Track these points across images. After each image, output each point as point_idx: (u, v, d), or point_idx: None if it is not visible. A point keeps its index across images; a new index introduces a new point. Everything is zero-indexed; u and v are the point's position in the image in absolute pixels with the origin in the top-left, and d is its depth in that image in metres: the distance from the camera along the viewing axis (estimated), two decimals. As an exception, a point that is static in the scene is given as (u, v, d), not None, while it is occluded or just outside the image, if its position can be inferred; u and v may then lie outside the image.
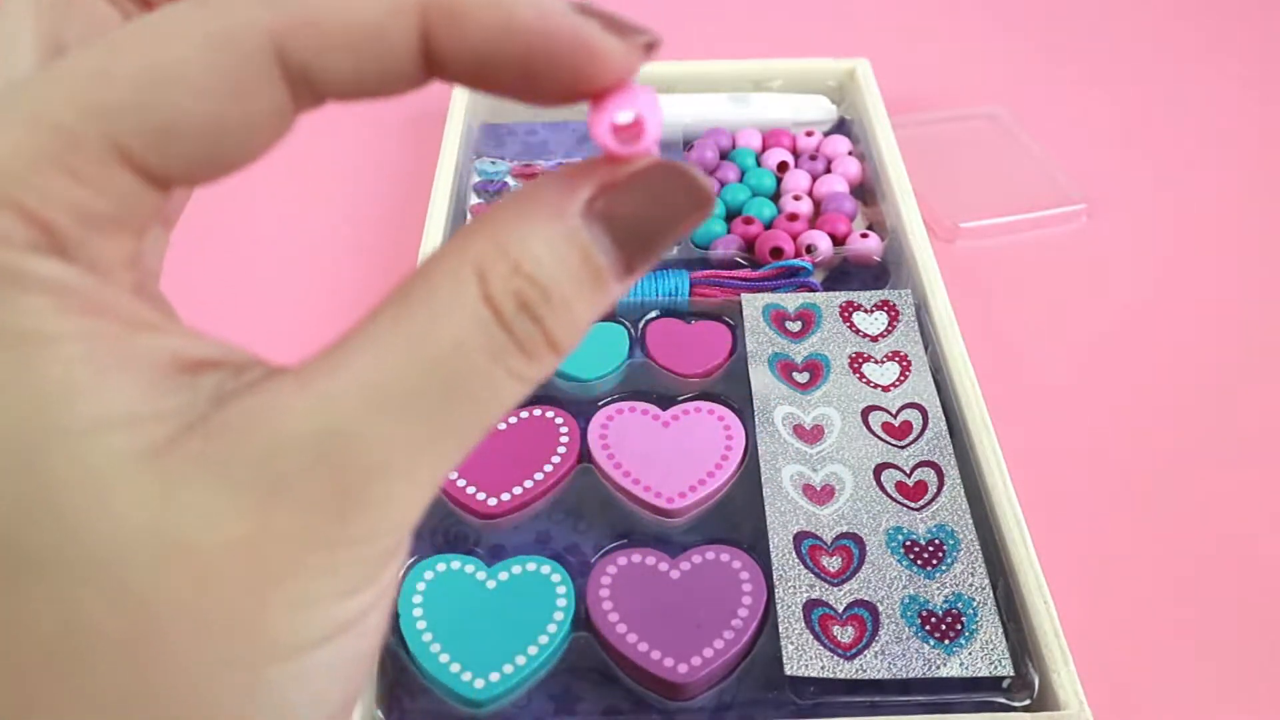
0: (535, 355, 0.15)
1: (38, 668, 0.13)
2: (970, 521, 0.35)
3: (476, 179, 0.52)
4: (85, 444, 0.13)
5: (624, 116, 0.16)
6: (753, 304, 0.43)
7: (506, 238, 0.15)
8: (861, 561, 0.34)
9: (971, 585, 0.34)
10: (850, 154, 0.52)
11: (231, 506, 0.13)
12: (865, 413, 0.39)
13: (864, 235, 0.47)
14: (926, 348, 0.42)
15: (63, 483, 0.13)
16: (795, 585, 0.34)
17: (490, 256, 0.15)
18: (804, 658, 0.32)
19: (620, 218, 0.16)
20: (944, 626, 0.32)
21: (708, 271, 0.45)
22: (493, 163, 0.53)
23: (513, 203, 0.16)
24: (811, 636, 0.32)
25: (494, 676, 0.31)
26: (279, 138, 0.16)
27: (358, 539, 0.14)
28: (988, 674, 0.32)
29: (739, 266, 0.46)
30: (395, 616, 0.33)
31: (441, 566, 0.34)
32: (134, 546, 0.13)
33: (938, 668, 0.32)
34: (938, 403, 0.39)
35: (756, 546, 0.35)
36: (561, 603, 0.33)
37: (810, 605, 0.33)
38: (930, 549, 0.35)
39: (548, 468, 0.37)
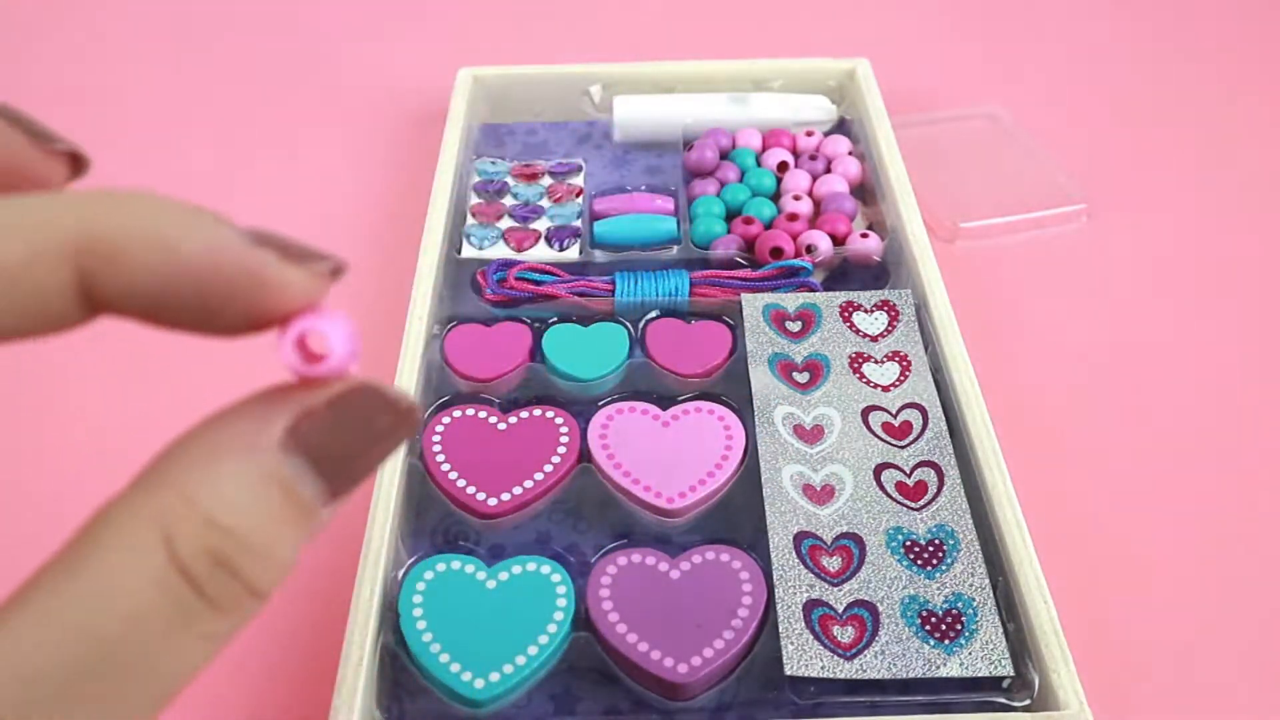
0: (232, 609, 0.14)
1: None
2: (970, 521, 0.35)
3: (476, 179, 0.52)
4: None
5: (314, 342, 0.15)
6: (753, 304, 0.43)
7: (195, 487, 0.14)
8: (861, 561, 0.34)
9: (971, 585, 0.34)
10: (850, 154, 0.52)
11: None
12: (865, 413, 0.39)
13: (864, 235, 0.47)
14: (926, 348, 0.42)
15: None
16: (795, 585, 0.34)
17: (176, 513, 0.13)
18: (804, 658, 0.32)
19: (322, 446, 0.15)
20: (944, 626, 0.32)
21: (708, 271, 0.45)
22: (493, 163, 0.53)
23: (199, 438, 0.14)
24: (811, 636, 0.32)
25: (494, 676, 0.31)
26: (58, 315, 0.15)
27: None
28: (988, 674, 0.32)
29: (739, 266, 0.46)
30: (395, 616, 0.33)
31: (441, 566, 0.34)
32: None
33: (938, 668, 0.32)
34: (938, 403, 0.39)
35: (756, 546, 0.35)
36: (561, 603, 0.33)
37: (810, 605, 0.33)
38: (930, 549, 0.35)
39: (548, 468, 0.37)
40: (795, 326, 0.42)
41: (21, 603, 0.13)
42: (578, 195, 0.50)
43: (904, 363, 0.41)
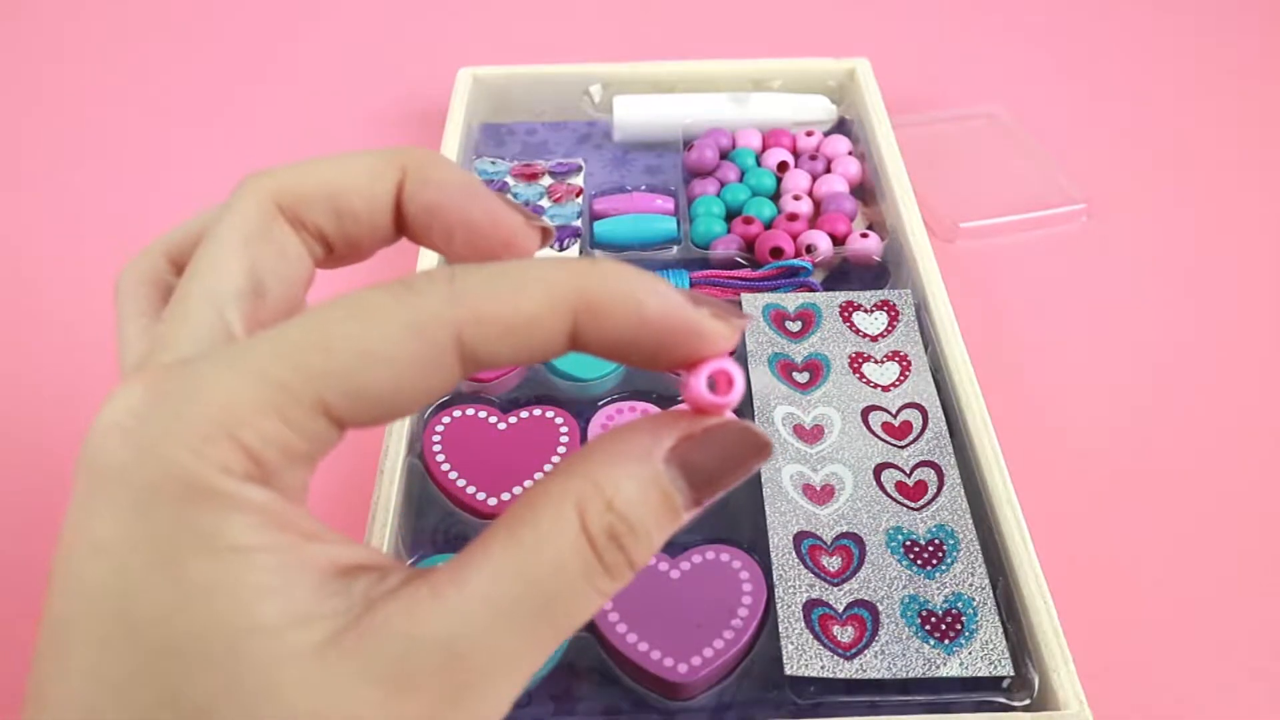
0: (618, 575, 0.19)
1: None
2: (970, 521, 0.35)
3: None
4: (270, 641, 0.16)
5: (723, 381, 0.20)
6: (753, 304, 0.43)
7: (603, 479, 0.18)
8: (861, 561, 0.34)
9: (971, 585, 0.34)
10: (850, 154, 0.52)
11: (373, 697, 0.17)
12: (865, 413, 0.39)
13: (864, 235, 0.47)
14: (926, 348, 0.42)
15: (251, 672, 0.16)
16: (795, 585, 0.34)
17: (588, 494, 0.18)
18: (804, 657, 0.32)
19: (696, 465, 0.19)
20: (944, 626, 0.32)
21: (708, 271, 0.45)
22: (493, 163, 0.53)
23: (608, 445, 0.19)
24: (811, 636, 0.32)
25: (494, 676, 0.31)
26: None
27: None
28: (988, 674, 0.32)
29: (739, 266, 0.46)
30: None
31: (441, 566, 0.34)
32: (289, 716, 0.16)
33: (938, 667, 0.32)
34: (938, 403, 0.39)
35: (756, 546, 0.35)
36: (561, 603, 0.33)
37: (810, 605, 0.33)
38: (930, 549, 0.35)
39: (547, 468, 0.37)
40: (795, 326, 0.42)
41: (480, 547, 0.18)
42: (578, 195, 0.50)
43: (904, 363, 0.41)
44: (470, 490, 0.37)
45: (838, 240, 0.47)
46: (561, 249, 0.47)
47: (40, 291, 0.49)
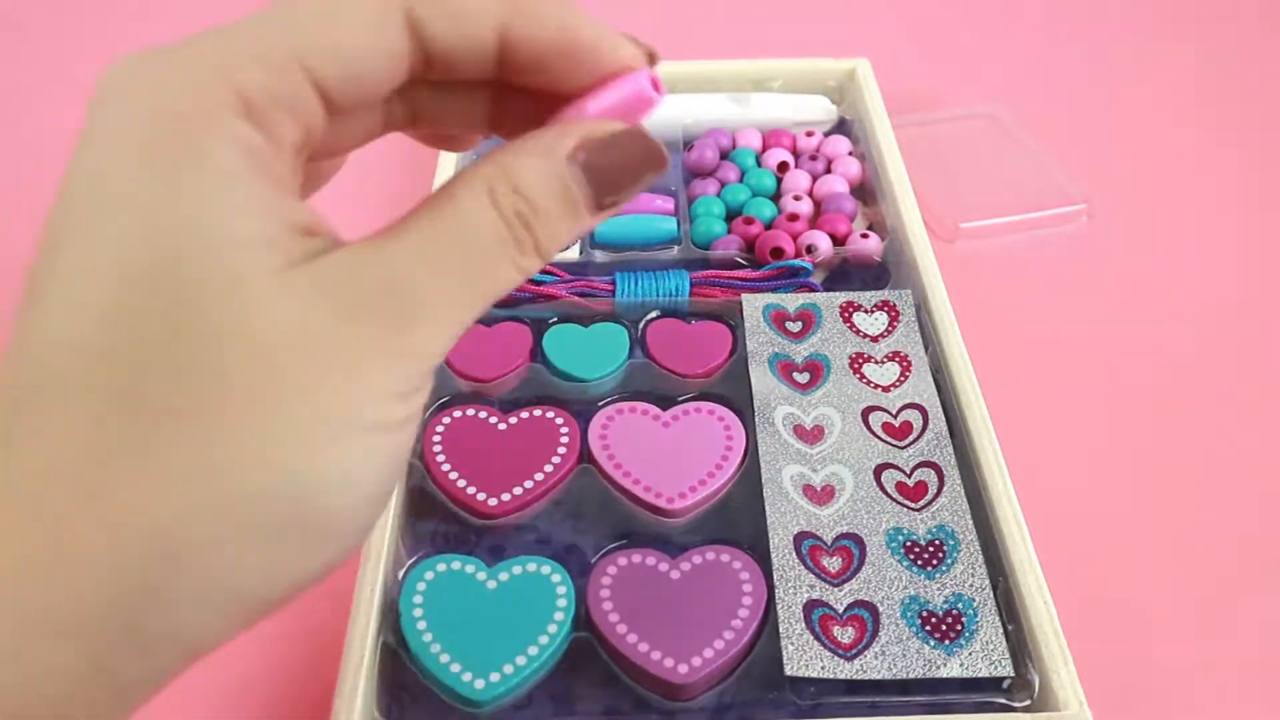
0: (525, 252, 0.21)
1: (183, 406, 0.18)
2: (970, 522, 0.35)
3: (476, 179, 0.52)
4: (243, 251, 0.19)
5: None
6: (753, 304, 0.43)
7: (511, 165, 0.21)
8: (862, 562, 0.34)
9: (971, 585, 0.34)
10: (850, 154, 0.52)
11: (332, 313, 0.19)
12: (865, 413, 0.39)
13: (864, 235, 0.47)
14: (926, 348, 0.42)
15: (223, 272, 0.18)
16: (795, 586, 0.34)
17: (497, 177, 0.21)
18: (804, 658, 0.32)
19: (595, 166, 0.22)
20: (944, 627, 0.32)
21: (708, 272, 0.45)
22: (493, 163, 0.53)
23: (520, 141, 0.22)
24: (811, 637, 0.32)
25: (494, 677, 0.31)
26: (401, 75, 0.22)
27: (408, 352, 0.20)
28: (988, 674, 0.32)
29: (739, 266, 0.46)
30: (396, 616, 0.33)
31: (442, 567, 0.34)
32: (267, 327, 0.18)
33: (938, 668, 0.32)
34: (938, 403, 0.39)
35: (757, 547, 0.35)
36: (562, 603, 0.33)
37: (810, 606, 0.33)
38: (930, 549, 0.35)
39: (548, 468, 0.37)
40: (795, 327, 0.42)
41: (410, 219, 0.21)
42: (578, 195, 0.50)
43: (904, 363, 0.41)
44: (470, 490, 0.37)
45: (838, 240, 0.47)
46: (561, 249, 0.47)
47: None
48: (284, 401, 0.18)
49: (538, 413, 0.39)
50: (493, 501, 0.36)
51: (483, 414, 0.39)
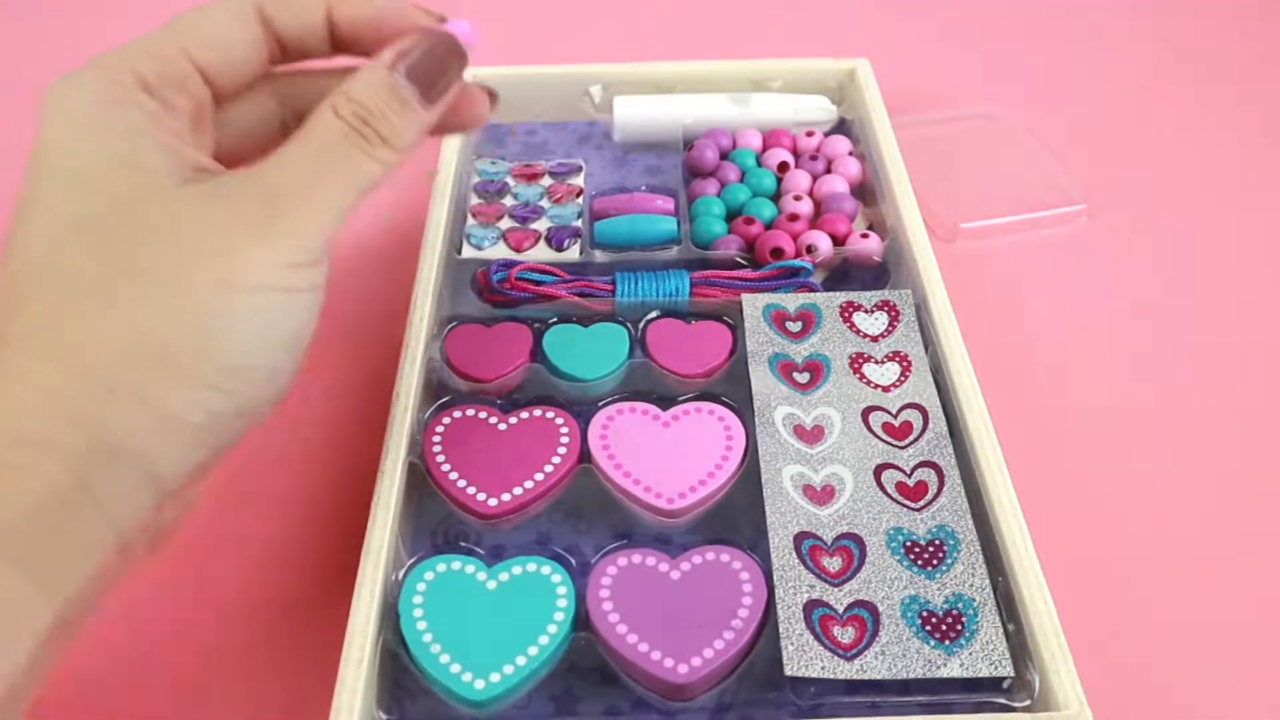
0: (372, 142, 0.28)
1: (115, 281, 0.26)
2: (970, 522, 0.35)
3: (476, 179, 0.52)
4: (151, 175, 0.27)
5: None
6: (753, 304, 0.43)
7: (346, 85, 0.28)
8: (862, 562, 0.34)
9: (971, 585, 0.34)
10: (850, 154, 0.52)
11: (216, 210, 0.27)
12: (865, 413, 0.39)
13: (864, 235, 0.47)
14: (926, 348, 0.42)
15: (138, 189, 0.27)
16: (795, 586, 0.34)
17: (337, 95, 0.28)
18: (804, 658, 0.32)
19: (411, 64, 0.29)
20: (944, 627, 0.32)
21: (708, 272, 0.45)
22: (493, 163, 0.53)
23: (353, 73, 0.29)
24: (812, 637, 0.32)
25: (494, 677, 0.31)
26: (262, 60, 0.31)
27: (283, 231, 0.27)
28: (988, 674, 0.32)
29: (739, 267, 0.46)
30: (395, 616, 0.33)
31: (441, 567, 0.34)
32: (169, 221, 0.26)
33: (938, 668, 0.32)
34: (938, 403, 0.39)
35: (757, 547, 0.35)
36: (562, 603, 0.33)
37: (810, 606, 0.33)
38: (930, 549, 0.35)
39: (548, 468, 0.37)
40: (795, 327, 0.42)
41: (280, 148, 0.28)
42: (578, 195, 0.50)
43: (904, 363, 0.41)
44: (470, 490, 0.37)
45: (838, 240, 0.47)
46: (561, 249, 0.47)
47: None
48: (184, 270, 0.26)
49: (538, 413, 0.39)
50: (493, 501, 0.36)
51: (483, 414, 0.39)
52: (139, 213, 0.26)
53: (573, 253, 0.47)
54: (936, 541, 0.35)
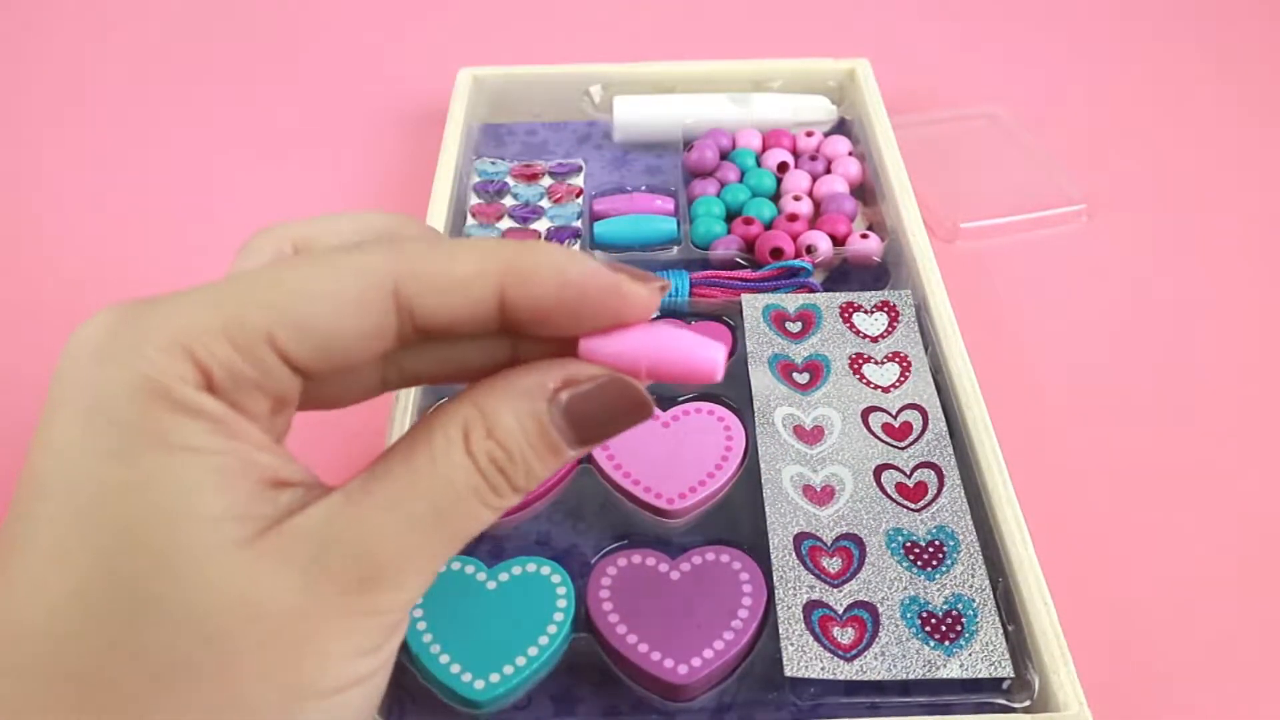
0: (501, 493, 0.21)
1: (145, 689, 0.19)
2: (970, 522, 0.35)
3: (476, 179, 0.52)
4: (204, 529, 0.19)
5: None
6: (753, 304, 0.43)
7: (487, 407, 0.21)
8: (861, 563, 0.34)
9: (971, 586, 0.34)
10: (850, 154, 0.52)
11: (290, 585, 0.19)
12: (865, 414, 0.39)
13: (864, 236, 0.47)
14: (926, 348, 0.42)
15: (182, 553, 0.19)
16: (795, 586, 0.34)
17: (473, 420, 0.21)
18: (804, 659, 0.32)
19: (577, 411, 0.21)
20: (944, 628, 0.32)
21: (708, 272, 0.45)
22: (493, 163, 0.53)
23: (500, 379, 0.22)
24: (811, 638, 0.32)
25: (494, 677, 0.31)
26: (385, 349, 0.22)
27: (371, 611, 0.20)
28: (988, 675, 0.32)
29: (739, 267, 0.46)
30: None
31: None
32: (223, 607, 0.19)
33: (938, 669, 0.32)
34: (938, 403, 0.39)
35: (756, 547, 0.35)
36: (561, 604, 0.33)
37: (810, 606, 0.33)
38: (930, 550, 0.35)
39: (548, 468, 0.37)
40: (795, 327, 0.42)
41: (384, 462, 0.21)
42: (578, 196, 0.50)
43: (904, 363, 0.41)
44: (470, 491, 0.37)
45: (838, 241, 0.47)
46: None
47: (38, 284, 0.49)
48: (240, 683, 0.19)
49: (538, 413, 0.39)
50: (493, 502, 0.36)
51: (483, 414, 0.39)
52: (177, 595, 0.19)
53: (573, 253, 0.47)
54: (936, 542, 0.35)
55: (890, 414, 0.39)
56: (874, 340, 0.42)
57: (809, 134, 0.53)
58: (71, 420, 0.19)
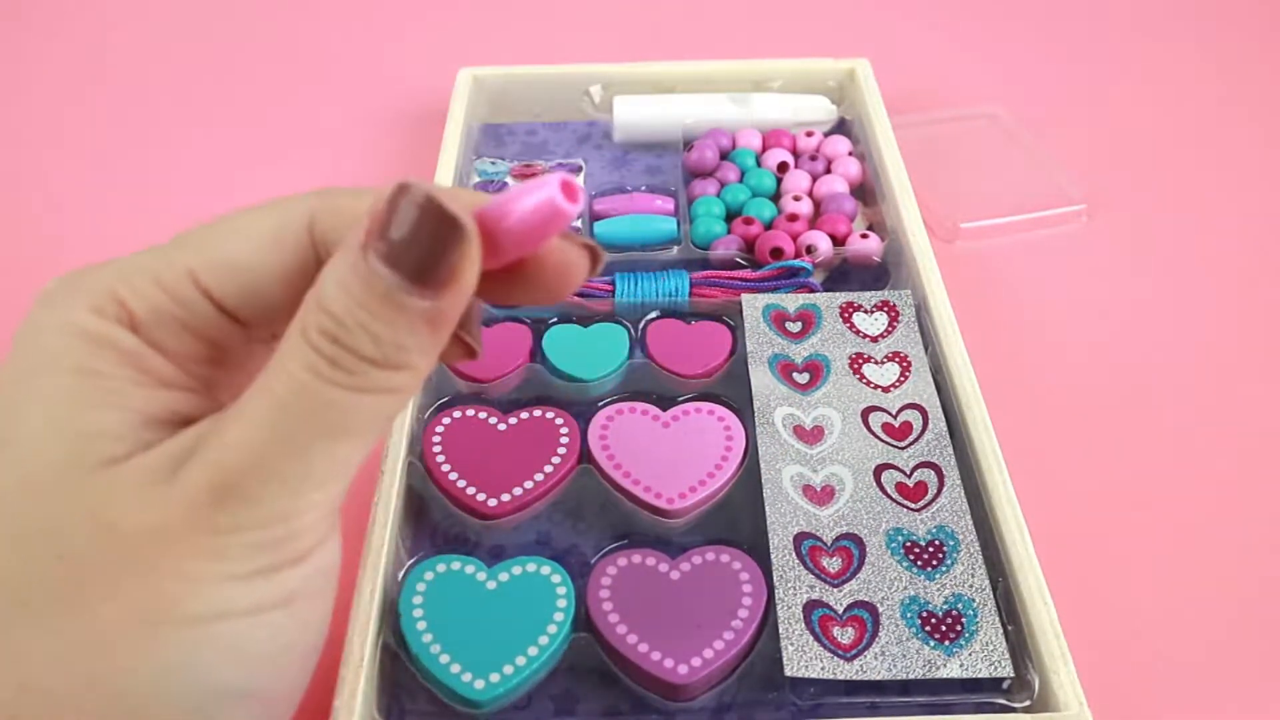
0: (348, 368, 0.19)
1: (3, 611, 0.18)
2: (970, 522, 0.35)
3: (476, 179, 0.52)
4: (75, 444, 0.19)
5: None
6: (753, 304, 0.43)
7: (317, 286, 0.20)
8: (861, 562, 0.34)
9: (971, 586, 0.34)
10: (850, 154, 0.52)
11: (147, 502, 0.19)
12: (865, 413, 0.39)
13: (864, 235, 0.47)
14: (926, 348, 0.42)
15: (46, 468, 0.19)
16: (795, 586, 0.34)
17: (308, 305, 0.20)
18: (804, 659, 0.32)
19: (392, 247, 0.19)
20: (944, 628, 0.32)
21: (708, 272, 0.45)
22: (493, 163, 0.53)
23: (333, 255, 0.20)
24: (811, 637, 0.32)
25: (494, 677, 0.31)
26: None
27: (233, 526, 0.19)
28: (988, 675, 0.32)
29: (739, 267, 0.46)
30: (395, 617, 0.33)
31: (441, 567, 0.34)
32: (75, 523, 0.19)
33: (938, 669, 0.32)
34: (938, 403, 0.39)
35: (756, 547, 0.35)
36: (561, 604, 0.33)
37: (810, 606, 0.33)
38: (930, 550, 0.35)
39: (548, 468, 0.37)
40: (795, 327, 0.42)
41: (253, 390, 0.20)
42: (578, 195, 0.50)
43: (904, 363, 0.41)
44: (470, 491, 0.37)
45: (838, 241, 0.47)
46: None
47: (38, 284, 0.49)
48: (94, 605, 0.18)
49: (537, 413, 0.39)
50: (493, 502, 0.36)
51: (482, 414, 0.39)
52: (45, 503, 0.19)
53: (573, 253, 0.47)
54: (936, 542, 0.35)
55: (890, 414, 0.39)
56: (874, 340, 0.42)
57: (809, 134, 0.53)
58: (10, 364, 0.21)
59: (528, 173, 0.52)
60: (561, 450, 0.38)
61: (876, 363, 0.41)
